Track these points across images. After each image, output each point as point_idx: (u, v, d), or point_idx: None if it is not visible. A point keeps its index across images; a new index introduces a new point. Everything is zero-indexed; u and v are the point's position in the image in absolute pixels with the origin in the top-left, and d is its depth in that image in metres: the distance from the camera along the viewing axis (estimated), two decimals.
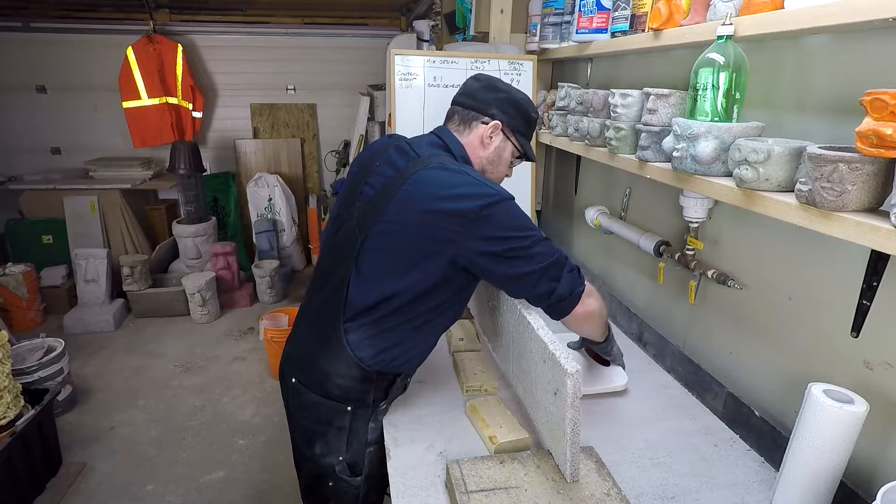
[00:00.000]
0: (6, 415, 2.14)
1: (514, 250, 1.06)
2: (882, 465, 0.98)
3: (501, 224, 1.06)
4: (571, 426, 0.99)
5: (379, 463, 1.30)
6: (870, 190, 0.81)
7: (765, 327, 1.26)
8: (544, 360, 1.07)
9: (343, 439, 1.26)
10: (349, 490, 1.30)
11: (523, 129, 1.29)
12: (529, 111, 1.28)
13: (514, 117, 1.26)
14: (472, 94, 1.27)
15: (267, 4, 4.59)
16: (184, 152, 4.05)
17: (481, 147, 1.26)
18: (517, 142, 1.29)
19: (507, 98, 1.25)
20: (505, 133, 1.27)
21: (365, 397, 1.24)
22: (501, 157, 1.29)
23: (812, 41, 1.07)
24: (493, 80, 1.29)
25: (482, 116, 1.25)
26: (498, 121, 1.24)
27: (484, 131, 1.25)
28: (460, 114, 1.27)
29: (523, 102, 1.27)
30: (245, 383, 3.19)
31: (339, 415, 1.24)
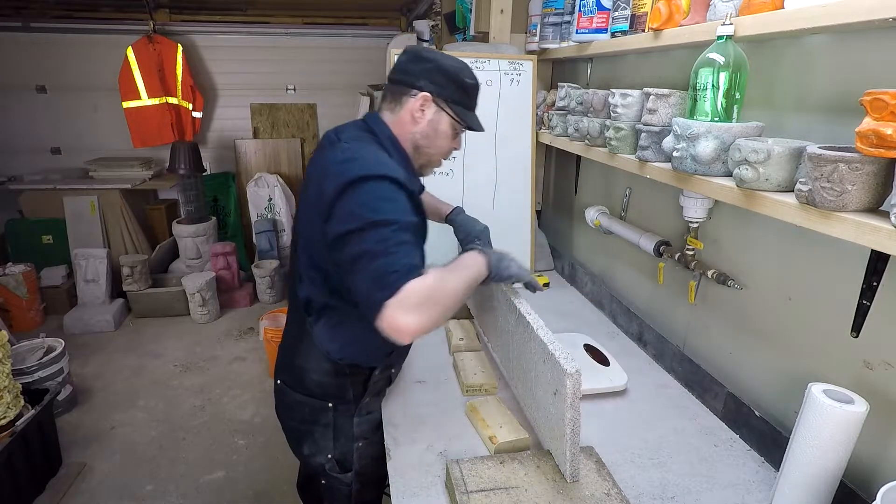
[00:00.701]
0: (6, 415, 2.14)
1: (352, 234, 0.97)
2: (882, 465, 0.98)
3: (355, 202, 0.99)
4: (571, 426, 0.99)
5: (371, 459, 1.31)
6: (870, 190, 0.81)
7: (765, 327, 1.26)
8: (544, 361, 1.07)
9: (329, 437, 1.28)
10: (341, 488, 1.31)
11: (458, 97, 1.19)
12: (461, 77, 1.19)
13: (444, 86, 1.17)
14: (401, 67, 1.20)
15: (267, 4, 4.59)
16: (184, 152, 4.05)
17: (412, 122, 1.19)
18: (453, 112, 1.19)
19: (435, 67, 1.17)
20: (437, 104, 1.18)
21: (344, 393, 1.25)
22: (438, 130, 1.20)
23: (812, 41, 1.07)
24: (421, 51, 1.21)
25: (410, 90, 1.18)
26: (427, 92, 1.17)
27: (413, 105, 1.18)
28: (391, 90, 1.21)
29: (453, 69, 1.18)
30: (245, 383, 3.19)
31: (322, 412, 1.26)
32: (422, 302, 0.91)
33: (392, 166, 1.07)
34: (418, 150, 1.22)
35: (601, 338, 1.69)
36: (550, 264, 2.34)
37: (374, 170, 1.02)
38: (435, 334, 1.71)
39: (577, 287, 2.14)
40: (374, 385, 1.29)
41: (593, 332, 1.72)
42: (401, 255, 0.94)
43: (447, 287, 0.98)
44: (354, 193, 0.99)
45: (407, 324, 0.89)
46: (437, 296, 0.94)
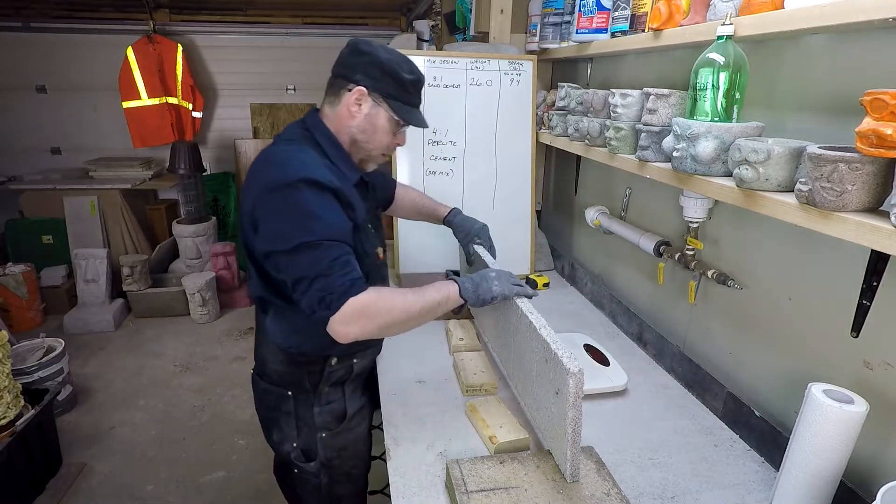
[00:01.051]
0: (6, 415, 2.14)
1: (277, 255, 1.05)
2: (882, 465, 0.98)
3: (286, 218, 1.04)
4: (572, 426, 0.99)
5: (338, 452, 1.33)
6: (870, 190, 0.81)
7: (765, 327, 1.26)
8: (546, 360, 1.07)
9: (292, 425, 1.32)
10: (310, 479, 1.35)
11: (394, 91, 1.17)
12: (398, 71, 1.16)
13: (379, 80, 1.15)
14: (341, 60, 1.19)
15: (267, 4, 4.59)
16: (184, 152, 4.05)
17: (349, 116, 1.18)
18: (389, 107, 1.18)
19: (371, 60, 1.15)
20: (373, 98, 1.17)
21: (301, 381, 1.28)
22: (376, 125, 1.19)
23: (812, 41, 1.07)
24: (360, 43, 1.18)
25: (347, 83, 1.17)
26: (362, 86, 1.15)
27: (349, 99, 1.17)
28: (331, 84, 1.21)
29: (390, 62, 1.15)
30: (245, 383, 3.17)
31: (283, 400, 1.31)
32: (359, 316, 1.04)
33: (313, 167, 1.09)
34: (356, 144, 1.21)
35: (601, 338, 1.69)
36: (550, 264, 2.34)
37: (291, 175, 1.05)
38: (435, 334, 1.71)
39: (577, 287, 2.14)
40: (330, 375, 1.29)
41: (593, 332, 1.72)
42: (336, 276, 1.03)
43: (388, 304, 1.08)
44: (274, 204, 1.05)
45: (346, 333, 1.05)
46: (374, 311, 1.06)
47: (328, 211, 1.06)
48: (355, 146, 1.22)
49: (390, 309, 1.08)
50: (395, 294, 1.10)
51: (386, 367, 1.53)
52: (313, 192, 1.05)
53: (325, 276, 1.02)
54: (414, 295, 1.12)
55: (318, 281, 1.02)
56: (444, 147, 2.04)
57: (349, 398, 1.34)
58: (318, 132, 1.20)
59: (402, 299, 1.10)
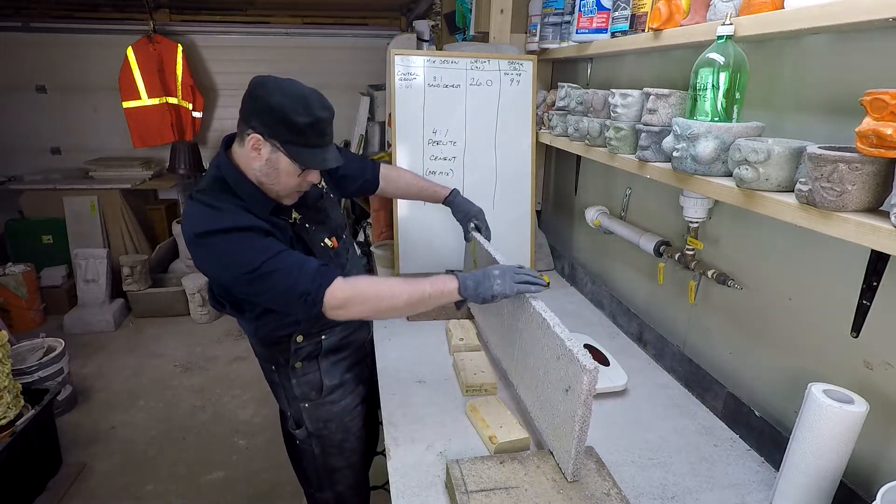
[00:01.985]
0: (6, 415, 2.14)
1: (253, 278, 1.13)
2: (882, 465, 0.98)
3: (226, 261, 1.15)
4: (581, 423, 0.99)
5: (324, 423, 1.46)
6: (870, 190, 0.81)
7: (765, 327, 1.26)
8: (558, 357, 1.07)
9: (282, 395, 1.48)
10: (305, 448, 1.50)
11: (289, 136, 1.14)
12: (289, 115, 1.12)
13: (272, 125, 1.13)
14: (244, 100, 1.18)
15: (267, 4, 4.59)
16: (184, 152, 4.05)
17: (252, 160, 1.18)
18: (287, 152, 1.15)
19: (264, 105, 1.13)
20: (271, 143, 1.15)
21: (275, 358, 1.42)
22: (278, 169, 1.18)
23: (812, 41, 1.07)
24: (256, 85, 1.16)
25: (246, 128, 1.17)
26: (258, 134, 1.15)
27: (248, 144, 1.17)
28: (238, 123, 1.21)
29: (280, 107, 1.12)
30: (245, 383, 3.19)
31: (271, 373, 1.47)
32: (344, 302, 1.14)
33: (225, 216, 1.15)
34: (263, 185, 1.22)
35: (601, 338, 1.69)
36: (550, 264, 2.34)
37: (206, 227, 1.14)
38: (435, 334, 1.71)
39: (577, 287, 2.14)
40: (298, 351, 1.40)
41: (593, 332, 1.72)
42: (297, 280, 1.12)
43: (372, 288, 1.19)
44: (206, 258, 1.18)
45: (339, 315, 1.16)
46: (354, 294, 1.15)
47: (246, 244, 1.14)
48: (263, 187, 1.23)
49: (379, 294, 1.17)
50: (379, 280, 1.22)
51: (386, 367, 1.53)
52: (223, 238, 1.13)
53: (292, 288, 1.11)
54: (404, 282, 1.19)
55: (290, 295, 1.12)
56: (444, 147, 2.04)
57: (325, 372, 1.44)
58: (228, 174, 1.22)
59: (387, 283, 1.22)
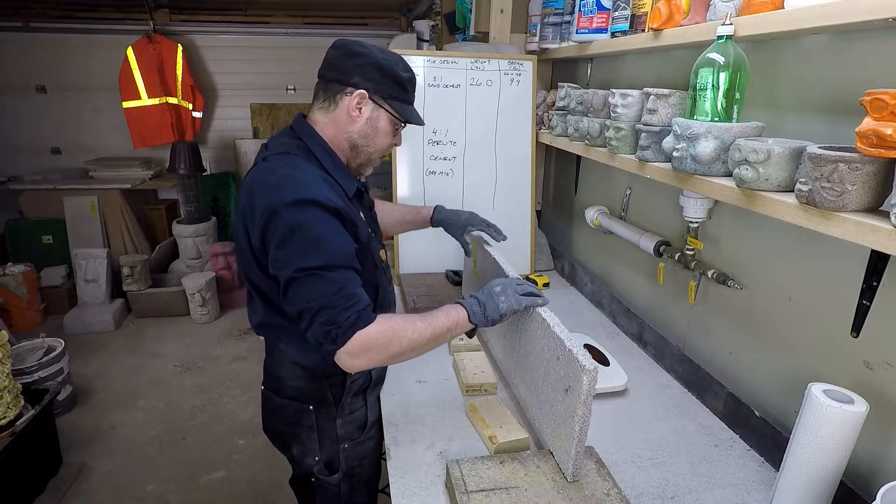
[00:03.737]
0: (6, 415, 2.14)
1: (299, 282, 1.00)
2: (882, 465, 0.98)
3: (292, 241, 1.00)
4: (580, 423, 0.99)
5: (359, 461, 1.30)
6: (870, 190, 0.81)
7: (765, 327, 1.26)
8: (558, 358, 1.07)
9: (314, 439, 1.27)
10: (330, 488, 1.31)
11: (394, 91, 1.15)
12: (396, 70, 1.14)
13: (379, 82, 1.13)
14: (332, 64, 1.15)
15: (267, 4, 4.59)
16: (184, 152, 4.05)
17: (349, 121, 1.15)
18: (391, 107, 1.16)
19: (368, 61, 1.12)
20: (374, 100, 1.14)
21: (322, 396, 1.24)
22: (377, 128, 1.17)
23: (812, 41, 1.07)
24: (351, 45, 1.14)
25: (345, 87, 1.13)
26: (362, 89, 1.12)
27: (349, 103, 1.13)
28: (323, 89, 1.17)
29: (387, 63, 1.13)
30: (245, 383, 3.19)
31: (304, 414, 1.25)
32: (367, 349, 1.01)
33: (314, 186, 1.04)
34: (356, 149, 1.18)
35: (601, 338, 1.69)
36: (550, 264, 2.34)
37: (289, 197, 1.00)
38: None
39: (577, 287, 2.14)
40: (352, 385, 1.26)
41: (593, 332, 1.72)
42: (341, 309, 0.99)
43: (397, 333, 1.04)
44: (280, 229, 1.00)
45: (353, 365, 1.03)
46: (382, 343, 1.02)
47: (332, 232, 1.03)
48: (355, 151, 1.18)
49: (399, 339, 1.04)
50: (405, 322, 1.06)
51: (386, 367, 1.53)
52: (315, 214, 1.01)
53: (331, 308, 0.98)
54: (423, 322, 1.07)
55: (323, 314, 0.99)
56: (444, 147, 2.04)
57: (370, 407, 1.33)
58: (312, 142, 1.15)
59: (412, 327, 1.05)
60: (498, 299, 1.13)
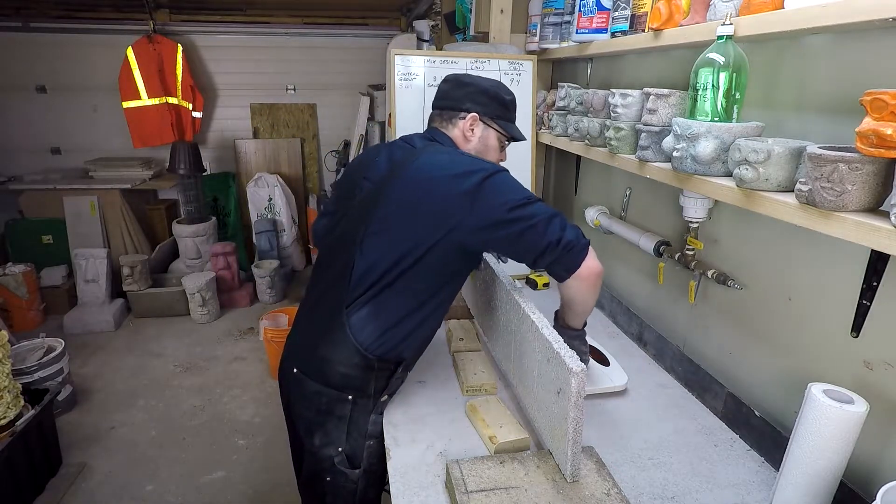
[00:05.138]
0: (6, 415, 2.14)
1: (515, 210, 1.10)
2: (882, 465, 0.98)
3: (500, 191, 1.12)
4: (574, 425, 0.99)
5: (378, 459, 1.31)
6: (870, 190, 0.81)
7: (765, 327, 1.26)
8: (548, 360, 1.07)
9: (343, 429, 1.27)
10: (347, 484, 1.31)
11: (500, 112, 1.35)
12: (500, 94, 1.35)
13: (487, 105, 1.32)
14: (445, 95, 1.35)
15: (267, 4, 4.59)
16: (184, 152, 4.05)
17: (465, 140, 1.33)
18: (498, 126, 1.34)
19: (476, 89, 1.33)
20: (484, 121, 1.33)
21: (366, 386, 1.25)
22: (488, 145, 1.35)
23: (812, 41, 1.07)
24: (460, 77, 1.36)
25: (458, 112, 1.32)
26: (474, 112, 1.31)
27: (464, 125, 1.32)
28: (440, 116, 1.36)
29: (492, 88, 1.34)
30: (245, 383, 3.19)
31: (340, 404, 1.25)
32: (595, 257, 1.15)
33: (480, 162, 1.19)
34: None
35: (601, 338, 1.69)
36: None
37: (496, 165, 1.17)
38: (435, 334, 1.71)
39: None
40: (395, 381, 1.29)
41: (593, 332, 1.72)
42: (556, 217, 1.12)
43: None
44: (499, 183, 1.13)
45: (598, 266, 1.16)
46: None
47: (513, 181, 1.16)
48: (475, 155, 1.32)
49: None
50: None
51: None
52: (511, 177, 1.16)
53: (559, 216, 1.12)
54: None
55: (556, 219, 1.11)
56: None
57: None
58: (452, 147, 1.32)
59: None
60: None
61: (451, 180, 1.13)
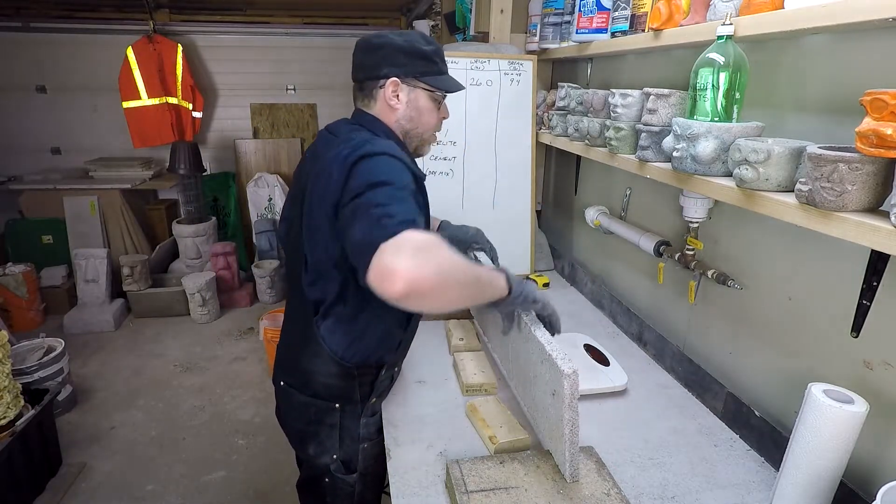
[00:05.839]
0: (6, 415, 2.14)
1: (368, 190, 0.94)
2: (882, 465, 0.98)
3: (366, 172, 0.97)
4: (570, 427, 0.99)
5: (374, 460, 1.31)
6: (870, 190, 0.81)
7: (765, 327, 1.26)
8: (542, 361, 1.07)
9: (335, 437, 1.26)
10: (344, 487, 1.31)
11: (423, 68, 1.18)
12: (418, 46, 1.17)
13: (406, 64, 1.16)
14: (360, 64, 1.19)
15: (267, 4, 4.59)
16: (184, 152, 4.05)
17: (391, 110, 1.19)
18: (425, 84, 1.19)
19: (391, 49, 1.16)
20: (407, 83, 1.18)
21: (351, 394, 1.23)
22: (419, 108, 1.20)
23: (812, 41, 1.07)
24: (370, 38, 1.18)
25: (378, 81, 1.17)
26: (393, 77, 1.16)
27: (385, 94, 1.17)
28: (359, 89, 1.21)
29: (407, 44, 1.16)
30: (245, 383, 3.19)
31: (329, 413, 1.24)
32: (419, 249, 0.82)
33: (395, 149, 1.06)
34: (408, 135, 1.22)
35: (601, 338, 1.69)
36: (550, 264, 2.34)
37: (377, 149, 1.02)
38: (435, 334, 1.71)
39: (577, 287, 2.14)
40: (380, 384, 1.27)
41: (593, 332, 1.72)
42: (398, 208, 0.90)
43: (449, 253, 0.87)
44: (359, 168, 0.99)
45: (401, 268, 0.78)
46: (436, 252, 0.84)
47: (408, 177, 1.01)
48: (407, 136, 1.22)
49: (450, 256, 0.87)
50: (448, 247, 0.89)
51: None
52: (398, 163, 1.01)
53: (388, 205, 0.90)
54: (461, 257, 0.93)
55: (379, 208, 0.90)
56: (444, 147, 2.04)
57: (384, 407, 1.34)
58: (378, 129, 1.17)
59: (458, 258, 0.90)
60: (534, 286, 1.15)
61: (338, 161, 1.01)
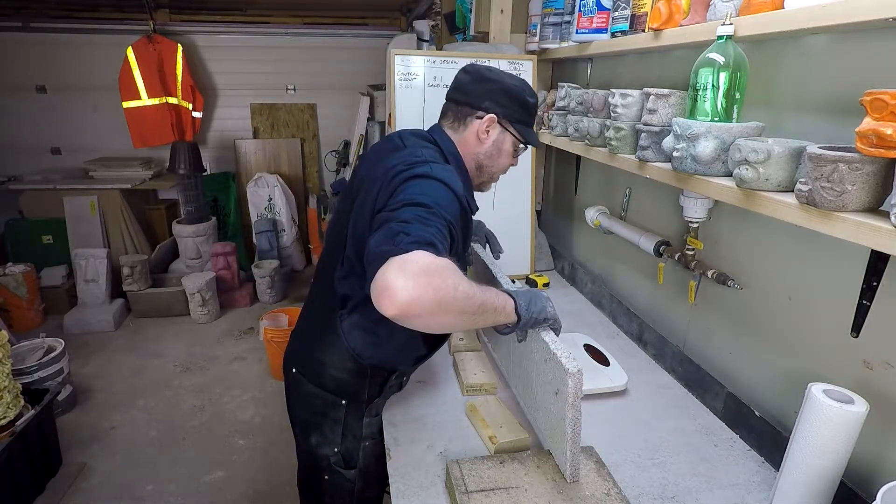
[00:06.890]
0: (6, 415, 2.14)
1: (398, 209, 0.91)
2: (882, 465, 0.98)
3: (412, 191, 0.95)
4: (572, 426, 0.99)
5: (375, 459, 1.31)
6: (870, 190, 0.81)
7: (765, 327, 1.26)
8: (545, 360, 1.07)
9: (338, 431, 1.27)
10: (343, 483, 1.31)
11: (521, 116, 1.22)
12: (524, 97, 1.21)
13: (508, 107, 1.19)
14: (463, 88, 1.21)
15: (267, 4, 4.59)
16: (184, 152, 4.05)
17: (478, 143, 1.21)
18: (516, 131, 1.22)
19: (499, 88, 1.19)
20: (502, 124, 1.20)
21: (359, 392, 1.24)
22: (501, 150, 1.23)
23: (812, 41, 1.07)
24: (483, 70, 1.22)
25: (476, 111, 1.19)
26: (493, 114, 1.18)
27: (479, 126, 1.19)
28: (453, 111, 1.22)
29: (516, 89, 1.20)
30: (245, 383, 3.19)
31: (334, 408, 1.25)
32: (423, 272, 0.80)
33: (456, 180, 1.03)
34: (481, 169, 1.24)
35: (601, 338, 1.69)
36: (550, 264, 2.34)
37: (434, 174, 0.99)
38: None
39: (577, 287, 2.14)
40: (388, 389, 1.28)
41: (593, 332, 1.72)
42: (418, 228, 0.86)
43: (455, 280, 0.85)
44: (409, 186, 0.96)
45: (399, 287, 0.78)
46: (442, 277, 0.82)
47: (454, 208, 0.97)
48: (480, 170, 1.24)
49: (456, 283, 0.84)
50: (459, 274, 0.88)
51: None
52: (451, 194, 0.98)
53: (411, 223, 0.87)
54: (471, 284, 0.90)
55: (401, 224, 0.86)
56: None
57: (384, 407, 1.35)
58: (448, 151, 1.18)
59: (468, 282, 0.89)
60: (545, 302, 1.07)
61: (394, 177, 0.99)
